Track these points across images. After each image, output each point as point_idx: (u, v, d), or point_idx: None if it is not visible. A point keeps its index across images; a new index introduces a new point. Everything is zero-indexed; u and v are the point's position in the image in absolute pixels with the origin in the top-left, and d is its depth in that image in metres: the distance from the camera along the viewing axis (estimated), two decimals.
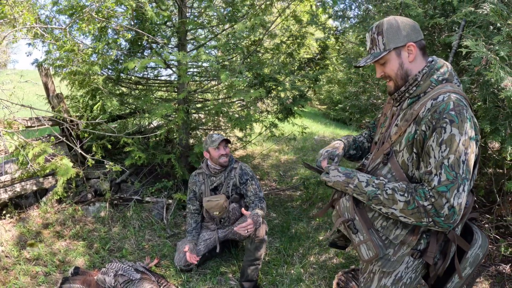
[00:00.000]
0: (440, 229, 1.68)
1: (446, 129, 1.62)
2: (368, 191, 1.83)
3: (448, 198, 1.59)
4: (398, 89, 1.89)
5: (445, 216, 1.61)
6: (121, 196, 5.20)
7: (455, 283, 1.97)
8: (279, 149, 9.34)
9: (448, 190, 1.59)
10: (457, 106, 1.63)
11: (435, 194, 1.61)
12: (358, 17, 5.14)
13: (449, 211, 1.59)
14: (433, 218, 1.63)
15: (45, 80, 4.81)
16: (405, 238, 1.89)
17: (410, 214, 1.69)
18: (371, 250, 1.91)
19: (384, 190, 1.77)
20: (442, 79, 1.79)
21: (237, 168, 3.84)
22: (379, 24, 1.83)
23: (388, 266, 1.96)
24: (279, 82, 5.49)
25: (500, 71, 2.27)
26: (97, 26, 4.34)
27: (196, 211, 4.02)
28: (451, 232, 1.87)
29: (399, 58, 1.82)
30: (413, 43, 1.79)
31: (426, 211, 1.63)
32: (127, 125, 5.82)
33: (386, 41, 1.80)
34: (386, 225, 1.93)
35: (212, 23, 5.79)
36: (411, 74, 1.84)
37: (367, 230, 1.93)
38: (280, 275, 3.85)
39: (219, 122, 6.63)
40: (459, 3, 2.93)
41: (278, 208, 5.61)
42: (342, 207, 2.06)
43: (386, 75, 1.89)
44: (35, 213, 4.58)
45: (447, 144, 1.62)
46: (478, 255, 1.95)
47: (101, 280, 3.28)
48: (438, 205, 1.60)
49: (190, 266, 3.83)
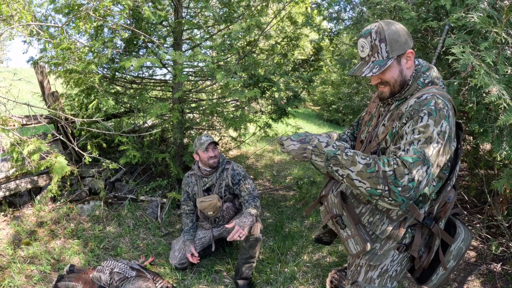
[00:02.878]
0: (393, 202, 1.58)
1: (423, 119, 1.63)
2: (327, 151, 1.75)
3: (411, 169, 1.53)
4: (394, 94, 1.91)
5: (403, 187, 1.53)
6: (115, 194, 5.21)
7: (439, 275, 2.04)
8: (273, 149, 9.37)
9: (413, 163, 1.54)
10: (438, 105, 1.65)
11: (399, 162, 1.57)
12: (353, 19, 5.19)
13: (408, 182, 1.53)
14: (389, 186, 1.55)
15: (41, 78, 4.80)
16: (391, 233, 1.93)
17: (367, 178, 1.59)
18: (359, 245, 1.95)
19: (344, 152, 1.70)
20: (428, 81, 1.84)
21: (229, 169, 3.87)
22: (378, 30, 1.79)
23: (375, 260, 2.01)
24: (273, 82, 5.51)
25: (485, 77, 2.31)
26: (94, 25, 4.35)
27: (191, 212, 4.04)
28: (435, 226, 1.91)
29: (399, 65, 1.83)
30: (412, 51, 1.81)
31: (386, 177, 1.55)
32: (122, 124, 5.83)
33: (389, 49, 1.78)
34: (372, 220, 1.97)
35: (208, 24, 5.81)
36: (406, 79, 1.86)
37: (355, 225, 1.98)
38: (274, 273, 3.88)
39: (213, 122, 6.65)
40: (452, 7, 2.98)
41: (272, 207, 5.64)
42: (330, 203, 2.11)
43: (384, 81, 1.88)
44: (30, 212, 4.58)
45: (420, 131, 1.62)
46: (461, 248, 2.01)
47: (97, 278, 3.29)
48: (399, 173, 1.54)
49: (184, 265, 3.85)
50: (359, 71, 1.86)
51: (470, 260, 3.93)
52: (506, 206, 3.78)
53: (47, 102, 4.91)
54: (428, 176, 1.58)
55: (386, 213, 1.93)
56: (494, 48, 2.49)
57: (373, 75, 1.80)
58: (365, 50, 1.85)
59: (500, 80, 2.37)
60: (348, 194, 2.12)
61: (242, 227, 3.31)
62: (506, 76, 2.45)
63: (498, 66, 2.44)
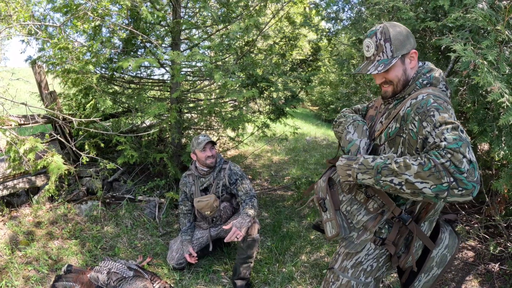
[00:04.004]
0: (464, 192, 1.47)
1: (435, 115, 1.62)
2: (376, 163, 1.71)
3: (463, 152, 1.46)
4: (396, 94, 1.93)
5: (467, 172, 1.45)
6: (113, 194, 5.20)
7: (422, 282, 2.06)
8: (271, 150, 9.38)
9: (460, 146, 1.47)
10: (437, 100, 1.67)
11: (449, 151, 1.48)
12: (351, 19, 5.19)
13: (469, 165, 1.45)
14: (454, 176, 1.46)
15: (39, 78, 4.80)
16: (366, 223, 1.98)
17: (427, 176, 1.51)
18: (334, 229, 2.05)
19: (394, 160, 1.65)
20: (426, 82, 1.86)
21: (226, 169, 3.86)
22: (383, 30, 1.84)
23: (351, 248, 2.07)
24: (271, 82, 5.51)
25: (488, 75, 2.31)
26: (92, 25, 4.34)
27: (189, 212, 4.03)
28: (412, 224, 1.90)
29: (403, 65, 1.87)
30: (415, 51, 1.86)
31: (446, 168, 1.47)
32: (120, 123, 5.81)
33: (394, 48, 1.83)
34: (350, 210, 2.05)
35: (206, 24, 5.80)
36: (409, 79, 1.90)
37: (334, 211, 2.07)
38: (272, 274, 3.88)
39: (211, 122, 6.65)
40: (451, 7, 2.98)
41: (270, 207, 5.64)
42: (318, 186, 2.22)
43: (388, 81, 1.91)
44: (27, 212, 4.57)
45: (441, 122, 1.58)
46: (445, 256, 2.01)
47: (94, 278, 3.28)
48: (457, 160, 1.46)
49: (182, 265, 3.85)
50: (365, 69, 1.90)
51: (468, 260, 3.94)
52: (504, 206, 3.78)
53: (45, 102, 4.90)
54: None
55: (364, 204, 2.00)
56: (495, 47, 2.49)
57: (379, 72, 1.84)
58: (370, 49, 1.90)
59: (501, 79, 2.37)
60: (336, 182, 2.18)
61: (239, 228, 3.31)
62: (505, 76, 2.45)
63: (499, 65, 2.43)
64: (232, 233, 3.26)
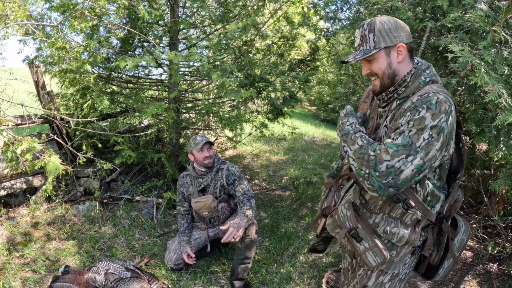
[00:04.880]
0: (370, 187, 1.67)
1: (421, 112, 1.64)
2: (346, 128, 1.89)
3: (393, 157, 1.60)
4: (385, 88, 1.90)
5: (380, 173, 1.61)
6: (111, 195, 5.18)
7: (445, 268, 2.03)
8: (270, 150, 9.37)
9: (397, 150, 1.61)
10: (441, 101, 1.65)
11: (382, 149, 1.64)
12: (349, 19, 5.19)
13: (386, 169, 1.60)
14: (369, 170, 1.64)
15: (36, 77, 4.78)
16: (409, 238, 1.90)
17: (357, 158, 1.72)
18: (378, 256, 1.89)
19: (355, 133, 1.83)
20: (429, 80, 1.82)
21: (224, 169, 3.85)
22: (371, 21, 1.83)
23: (393, 268, 1.99)
24: (269, 82, 5.50)
25: (485, 76, 2.30)
26: (89, 24, 4.33)
27: (186, 212, 4.02)
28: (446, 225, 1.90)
29: (388, 57, 1.83)
30: (403, 44, 1.80)
31: (369, 160, 1.65)
32: (117, 124, 5.80)
33: (377, 39, 1.81)
34: (388, 229, 1.93)
35: (204, 23, 5.79)
36: (398, 75, 1.85)
37: (372, 237, 1.91)
38: (270, 274, 3.87)
39: (209, 122, 6.64)
40: (449, 7, 2.97)
41: (268, 207, 5.63)
42: (342, 216, 2.03)
43: (373, 73, 1.90)
44: (25, 212, 4.55)
45: (415, 123, 1.64)
46: (463, 240, 2.02)
47: (92, 279, 3.27)
48: (379, 159, 1.62)
49: (180, 265, 3.83)
50: (346, 58, 1.92)
51: (466, 260, 3.94)
52: (502, 206, 3.78)
53: (42, 101, 4.89)
54: (414, 167, 1.60)
55: (400, 219, 1.92)
56: (492, 47, 2.48)
57: (355, 60, 1.85)
58: (357, 40, 1.91)
59: (499, 80, 2.36)
60: (359, 205, 2.07)
61: (236, 229, 3.30)
62: (504, 76, 2.44)
63: (496, 66, 2.43)
64: (229, 234, 3.25)
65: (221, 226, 3.49)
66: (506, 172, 2.84)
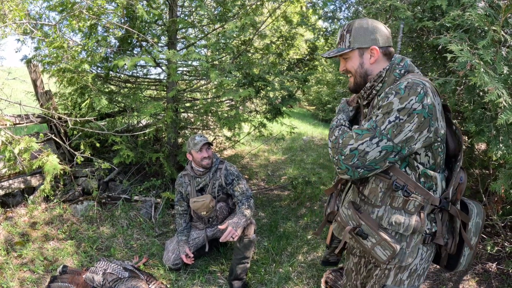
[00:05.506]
0: (339, 170, 1.78)
1: (389, 98, 1.70)
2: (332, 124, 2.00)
3: (357, 140, 1.70)
4: (358, 85, 1.97)
5: (345, 156, 1.72)
6: (109, 194, 5.17)
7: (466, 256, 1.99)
8: (268, 149, 9.37)
9: (361, 134, 1.71)
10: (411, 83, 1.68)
11: (349, 135, 1.75)
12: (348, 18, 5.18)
13: (350, 151, 1.71)
14: (337, 156, 1.76)
15: (34, 77, 4.77)
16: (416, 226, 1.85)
17: (332, 147, 1.84)
18: (387, 249, 1.85)
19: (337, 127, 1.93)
20: (404, 71, 1.85)
21: (222, 169, 3.84)
22: (351, 22, 1.92)
23: (405, 259, 1.92)
24: (268, 82, 5.49)
25: (484, 75, 2.30)
26: (87, 23, 4.32)
27: (185, 212, 4.02)
28: (453, 208, 1.89)
29: (361, 58, 1.91)
30: (376, 48, 1.86)
31: (338, 147, 1.77)
32: (115, 123, 5.79)
33: (352, 39, 1.89)
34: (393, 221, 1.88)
35: (203, 23, 5.78)
36: (371, 74, 1.91)
37: (377, 231, 1.88)
38: (268, 274, 3.86)
39: (208, 122, 6.63)
40: (448, 7, 2.97)
41: (267, 207, 5.62)
42: (344, 216, 2.01)
43: (347, 71, 1.99)
44: (23, 212, 4.54)
45: (383, 109, 1.71)
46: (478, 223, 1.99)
47: (90, 279, 3.26)
48: (344, 144, 1.74)
49: (178, 265, 3.83)
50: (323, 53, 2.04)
51: None
52: (501, 206, 3.78)
53: (40, 101, 4.87)
54: (382, 148, 1.68)
55: (403, 208, 1.87)
56: (492, 47, 2.48)
57: (328, 56, 1.99)
58: (338, 38, 2.00)
59: (498, 79, 2.36)
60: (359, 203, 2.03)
61: (235, 228, 3.29)
62: (503, 76, 2.44)
63: (496, 65, 2.42)
64: (228, 233, 3.24)
65: (219, 225, 3.48)
66: (505, 171, 2.84)
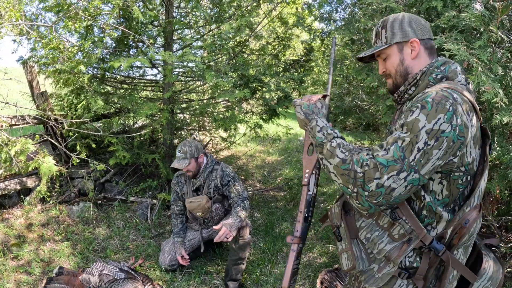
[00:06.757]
0: (360, 206, 1.47)
1: (414, 113, 1.44)
2: (317, 137, 1.67)
3: (382, 173, 1.38)
4: (397, 87, 1.77)
5: (370, 192, 1.40)
6: (105, 196, 5.17)
7: None
8: (264, 150, 9.38)
9: (386, 166, 1.39)
10: (439, 97, 1.43)
11: (371, 164, 1.41)
12: (344, 19, 5.19)
13: (376, 188, 1.39)
14: (357, 189, 1.43)
15: (30, 78, 4.76)
16: (390, 253, 1.65)
17: (340, 174, 1.49)
18: (350, 261, 1.73)
19: (330, 141, 1.59)
20: (441, 77, 1.63)
21: (218, 169, 3.85)
22: (385, 18, 1.74)
23: (371, 283, 1.72)
24: (264, 83, 5.51)
25: (482, 75, 2.31)
26: (84, 24, 4.31)
27: (181, 212, 4.02)
28: (446, 254, 1.57)
29: (401, 53, 1.72)
30: (417, 40, 1.68)
31: (356, 178, 1.43)
32: (111, 124, 5.78)
33: (389, 34, 1.71)
34: (370, 237, 1.72)
35: (199, 24, 5.79)
36: (411, 72, 1.71)
37: (350, 240, 1.76)
38: (264, 275, 3.87)
39: (203, 122, 6.63)
40: (444, 8, 2.98)
41: (262, 208, 5.63)
42: (333, 212, 1.89)
43: (387, 73, 1.79)
44: (19, 213, 4.53)
45: (408, 127, 1.43)
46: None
47: (86, 280, 3.26)
48: (368, 177, 1.40)
49: (174, 266, 3.83)
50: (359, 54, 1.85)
51: None
52: (496, 206, 3.79)
53: (36, 102, 4.87)
54: (408, 183, 1.41)
55: (388, 230, 1.67)
56: (488, 47, 2.49)
57: (364, 55, 1.80)
58: (373, 37, 1.81)
59: (494, 79, 2.37)
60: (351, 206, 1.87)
61: (229, 229, 3.30)
62: (498, 76, 2.46)
63: (492, 65, 2.43)
64: (222, 233, 3.26)
65: (214, 226, 3.49)
66: (500, 172, 2.85)
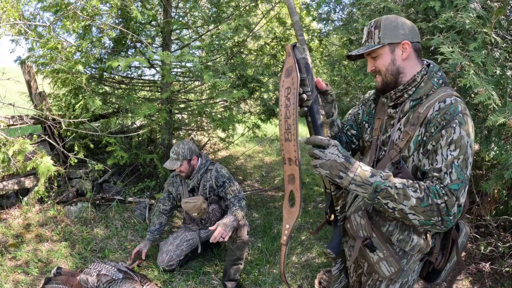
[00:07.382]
0: (443, 228, 1.61)
1: (456, 129, 1.60)
2: (376, 182, 1.63)
3: (458, 197, 1.56)
4: (387, 85, 1.84)
5: (453, 215, 1.57)
6: (103, 196, 5.16)
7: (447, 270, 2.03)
8: (262, 150, 9.37)
9: (458, 189, 1.57)
10: (464, 110, 1.64)
11: (448, 193, 1.57)
12: (342, 20, 5.20)
13: (457, 209, 1.57)
14: (443, 217, 1.57)
15: (28, 78, 4.76)
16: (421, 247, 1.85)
17: (421, 212, 1.58)
18: (393, 266, 1.81)
19: (393, 184, 1.62)
20: (442, 82, 1.78)
21: (212, 170, 3.85)
22: (378, 19, 1.80)
23: (403, 276, 1.94)
24: (262, 83, 5.51)
25: (474, 77, 2.31)
26: (82, 24, 4.31)
27: (165, 212, 4.04)
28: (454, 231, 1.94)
29: (392, 54, 1.79)
30: (408, 42, 1.76)
31: (439, 209, 1.56)
32: (109, 124, 5.78)
33: (381, 35, 1.77)
34: (402, 238, 1.85)
35: (197, 24, 5.78)
36: (403, 72, 1.80)
37: (387, 246, 1.83)
38: (262, 275, 3.87)
39: (202, 123, 6.63)
40: (441, 8, 2.99)
41: (261, 208, 5.63)
42: (355, 225, 1.89)
43: (376, 70, 1.85)
44: (17, 213, 4.52)
45: (456, 145, 1.60)
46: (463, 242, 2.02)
47: (84, 280, 3.25)
48: (450, 204, 1.55)
49: (172, 267, 3.83)
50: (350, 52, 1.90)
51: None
52: (494, 206, 3.80)
53: (34, 102, 4.86)
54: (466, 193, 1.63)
55: (412, 227, 1.84)
56: (483, 49, 2.49)
57: (357, 53, 1.84)
58: (364, 36, 1.87)
59: (489, 81, 2.38)
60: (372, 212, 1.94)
61: (224, 229, 3.31)
62: (495, 77, 2.46)
63: (487, 67, 2.44)
64: (218, 233, 3.26)
65: (210, 227, 3.49)
66: (498, 172, 2.86)
